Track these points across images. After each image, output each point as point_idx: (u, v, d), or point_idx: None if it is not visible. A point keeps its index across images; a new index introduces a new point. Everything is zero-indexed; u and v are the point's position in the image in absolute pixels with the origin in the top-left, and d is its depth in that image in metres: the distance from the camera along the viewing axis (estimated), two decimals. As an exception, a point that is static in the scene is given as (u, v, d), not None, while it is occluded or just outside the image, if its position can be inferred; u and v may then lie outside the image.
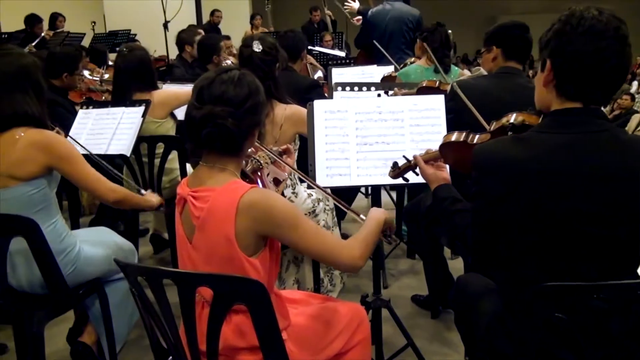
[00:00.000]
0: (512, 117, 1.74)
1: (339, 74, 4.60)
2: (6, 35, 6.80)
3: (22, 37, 6.72)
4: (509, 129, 1.72)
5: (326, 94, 5.59)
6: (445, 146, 1.94)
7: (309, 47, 6.92)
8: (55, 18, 8.19)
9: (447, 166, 2.08)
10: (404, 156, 2.08)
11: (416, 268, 3.72)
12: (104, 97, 4.61)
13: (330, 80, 4.55)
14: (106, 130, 3.29)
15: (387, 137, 2.44)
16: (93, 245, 2.54)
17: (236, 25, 10.02)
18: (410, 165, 2.07)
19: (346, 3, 5.86)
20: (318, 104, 2.49)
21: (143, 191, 2.64)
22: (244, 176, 1.84)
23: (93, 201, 5.00)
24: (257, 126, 1.74)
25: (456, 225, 1.81)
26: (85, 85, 4.46)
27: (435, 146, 2.40)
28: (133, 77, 3.54)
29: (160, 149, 3.51)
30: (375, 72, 4.52)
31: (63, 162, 2.30)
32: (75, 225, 4.25)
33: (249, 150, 1.90)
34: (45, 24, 8.15)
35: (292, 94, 3.17)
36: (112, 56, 7.46)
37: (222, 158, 1.70)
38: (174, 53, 6.46)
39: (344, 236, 4.20)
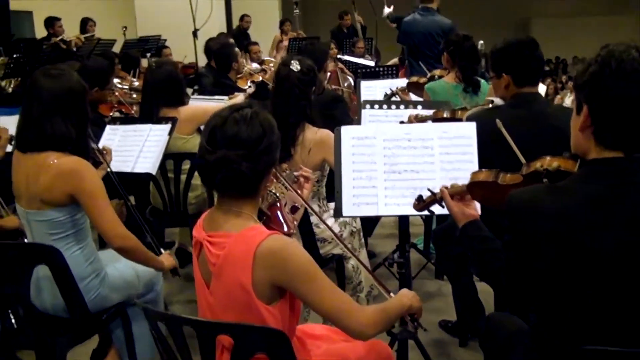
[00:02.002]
0: (547, 162, 1.66)
1: (367, 87, 4.52)
2: (35, 41, 6.90)
3: (52, 44, 6.77)
4: (543, 175, 1.64)
5: (355, 102, 5.55)
6: (474, 185, 1.87)
7: (338, 56, 6.88)
8: (86, 23, 8.28)
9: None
10: (429, 189, 2.02)
11: (444, 290, 3.63)
12: (134, 109, 4.61)
13: (358, 92, 4.49)
14: (133, 147, 3.28)
15: (417, 165, 2.38)
16: (118, 269, 2.53)
17: (266, 30, 10.01)
18: (436, 199, 2.00)
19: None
20: (345, 130, 2.43)
21: (162, 250, 2.60)
22: (261, 214, 1.79)
23: (121, 209, 5.02)
24: (272, 165, 1.69)
25: (487, 266, 1.74)
26: (116, 97, 4.46)
27: (466, 175, 2.34)
28: (160, 92, 3.52)
29: (186, 165, 3.49)
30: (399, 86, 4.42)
31: (85, 196, 2.27)
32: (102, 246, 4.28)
33: None
34: (77, 29, 8.24)
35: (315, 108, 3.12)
36: (143, 62, 7.55)
37: (238, 201, 1.65)
38: (203, 60, 6.47)
39: (371, 253, 4.17)
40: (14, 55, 6.07)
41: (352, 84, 6.77)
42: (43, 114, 2.26)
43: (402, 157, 2.38)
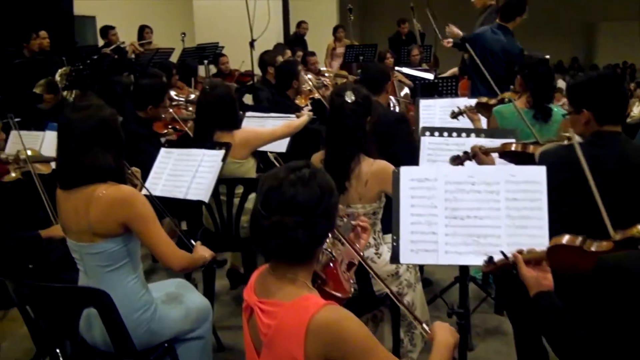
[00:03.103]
0: None
1: (426, 106, 4.34)
2: (88, 50, 7.02)
3: (113, 57, 6.85)
4: None
5: (412, 113, 5.37)
6: (556, 250, 1.72)
7: (397, 68, 6.73)
8: (143, 29, 8.40)
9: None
10: (501, 252, 1.87)
11: (504, 328, 3.44)
12: (189, 125, 4.59)
13: (417, 111, 4.32)
14: (186, 172, 3.24)
15: (480, 211, 2.22)
16: (168, 305, 2.50)
17: (323, 37, 9.92)
18: (508, 263, 1.85)
19: (448, 27, 5.51)
20: (405, 171, 2.30)
21: (193, 242, 2.58)
22: (315, 276, 1.69)
23: (172, 228, 5.02)
24: (330, 230, 1.60)
25: (560, 341, 1.62)
26: (170, 115, 4.46)
27: (534, 224, 2.18)
28: (214, 116, 3.48)
29: (239, 189, 3.44)
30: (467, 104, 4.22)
31: (137, 221, 2.29)
32: (155, 260, 4.27)
33: None
34: (135, 36, 8.36)
35: (378, 130, 3.01)
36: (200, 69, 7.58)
37: (293, 268, 1.57)
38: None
39: (426, 281, 4.02)
40: (75, 65, 6.15)
41: (409, 93, 6.62)
42: (79, 148, 2.25)
43: (465, 201, 2.23)
